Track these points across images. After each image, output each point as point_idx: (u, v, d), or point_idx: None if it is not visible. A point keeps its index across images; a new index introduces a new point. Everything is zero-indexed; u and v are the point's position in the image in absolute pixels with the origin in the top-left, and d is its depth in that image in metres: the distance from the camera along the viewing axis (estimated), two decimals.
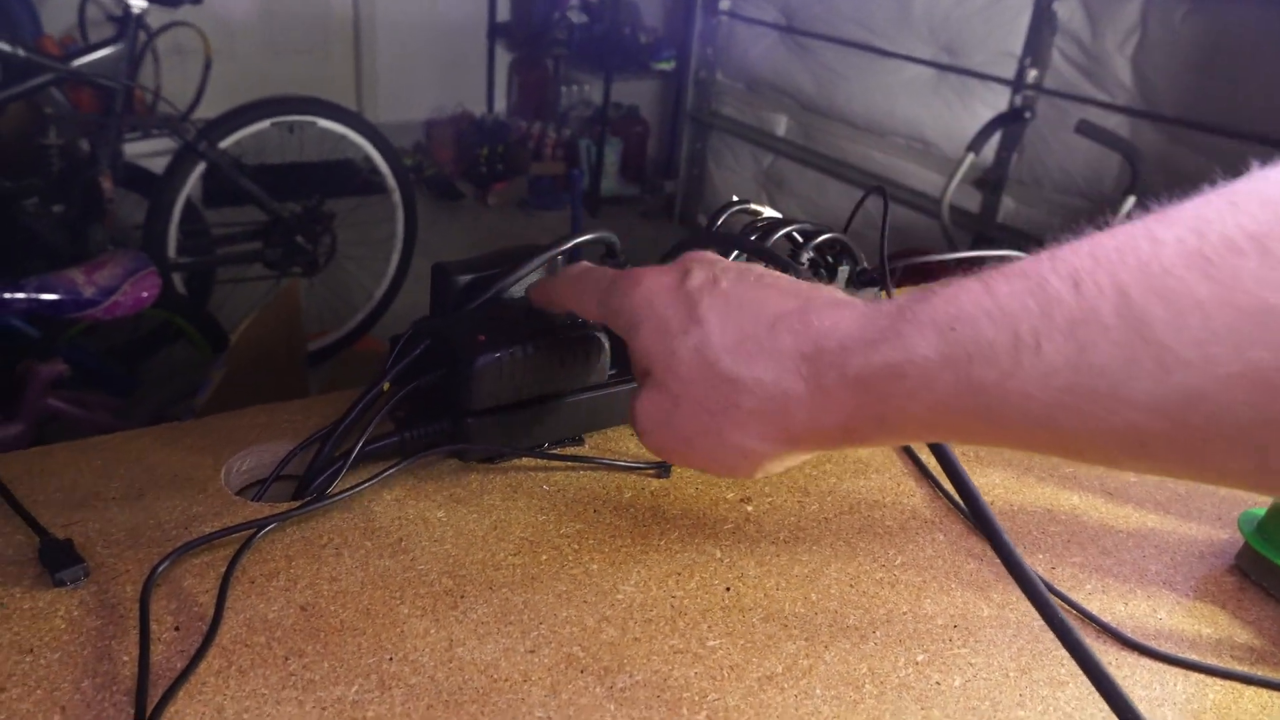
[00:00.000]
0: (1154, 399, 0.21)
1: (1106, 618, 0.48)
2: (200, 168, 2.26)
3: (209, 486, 0.51)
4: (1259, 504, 0.56)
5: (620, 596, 0.46)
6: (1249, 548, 0.52)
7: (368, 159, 2.61)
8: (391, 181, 2.63)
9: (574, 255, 0.59)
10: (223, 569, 0.45)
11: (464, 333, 0.53)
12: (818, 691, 0.42)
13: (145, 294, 1.58)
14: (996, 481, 0.60)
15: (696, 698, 0.41)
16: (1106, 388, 0.22)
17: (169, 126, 2.18)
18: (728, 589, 0.48)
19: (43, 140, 2.02)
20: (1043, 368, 0.23)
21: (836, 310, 0.29)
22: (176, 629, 0.42)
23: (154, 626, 0.41)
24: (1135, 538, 0.56)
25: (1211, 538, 0.56)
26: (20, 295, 1.44)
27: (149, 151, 2.76)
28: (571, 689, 0.41)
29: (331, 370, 2.25)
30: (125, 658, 0.40)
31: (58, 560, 0.43)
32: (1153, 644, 0.47)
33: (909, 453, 0.61)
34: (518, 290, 0.58)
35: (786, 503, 0.55)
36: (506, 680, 0.41)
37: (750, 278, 0.32)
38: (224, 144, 2.29)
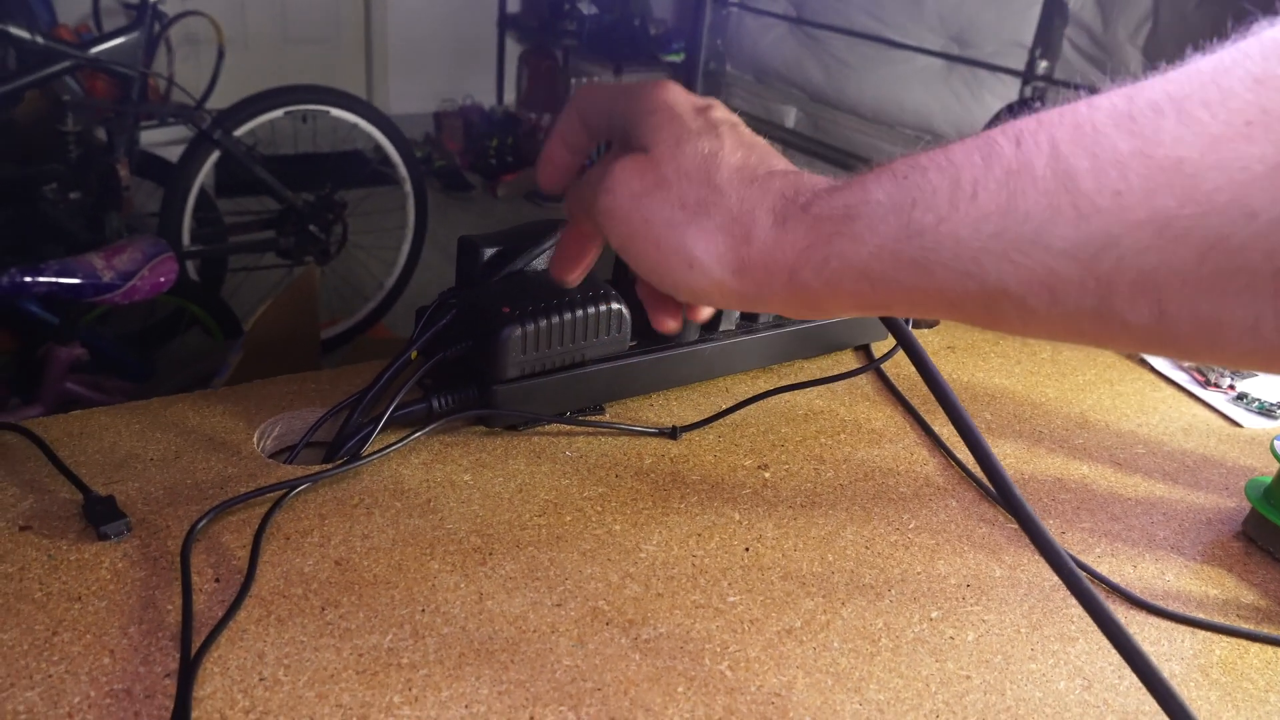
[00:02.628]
0: (1070, 244, 0.23)
1: (1116, 579, 0.50)
2: (215, 156, 2.27)
3: (243, 450, 0.52)
4: (1266, 472, 0.57)
5: (643, 555, 0.48)
6: (1256, 513, 0.53)
7: (379, 149, 2.62)
8: (403, 171, 2.64)
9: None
10: (258, 526, 0.46)
11: (490, 304, 0.55)
12: (835, 644, 0.44)
13: (163, 279, 1.60)
14: (1008, 452, 0.61)
15: (718, 649, 0.43)
16: (1030, 233, 0.24)
17: (185, 115, 2.20)
18: (746, 549, 0.49)
19: (61, 127, 2.04)
20: (976, 214, 0.25)
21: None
22: (216, 580, 0.43)
23: (195, 578, 0.43)
24: (1144, 505, 0.57)
25: (1219, 505, 0.57)
26: (41, 279, 1.45)
27: (163, 140, 2.78)
28: (598, 640, 0.42)
29: (344, 358, 2.27)
30: (169, 606, 0.41)
31: (101, 515, 0.45)
32: (1161, 604, 0.48)
33: (922, 424, 0.62)
34: (540, 263, 0.60)
35: (803, 470, 0.56)
36: (535, 631, 0.42)
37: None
38: (238, 132, 2.30)
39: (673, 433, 0.58)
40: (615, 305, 0.56)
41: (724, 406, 0.61)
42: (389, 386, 0.56)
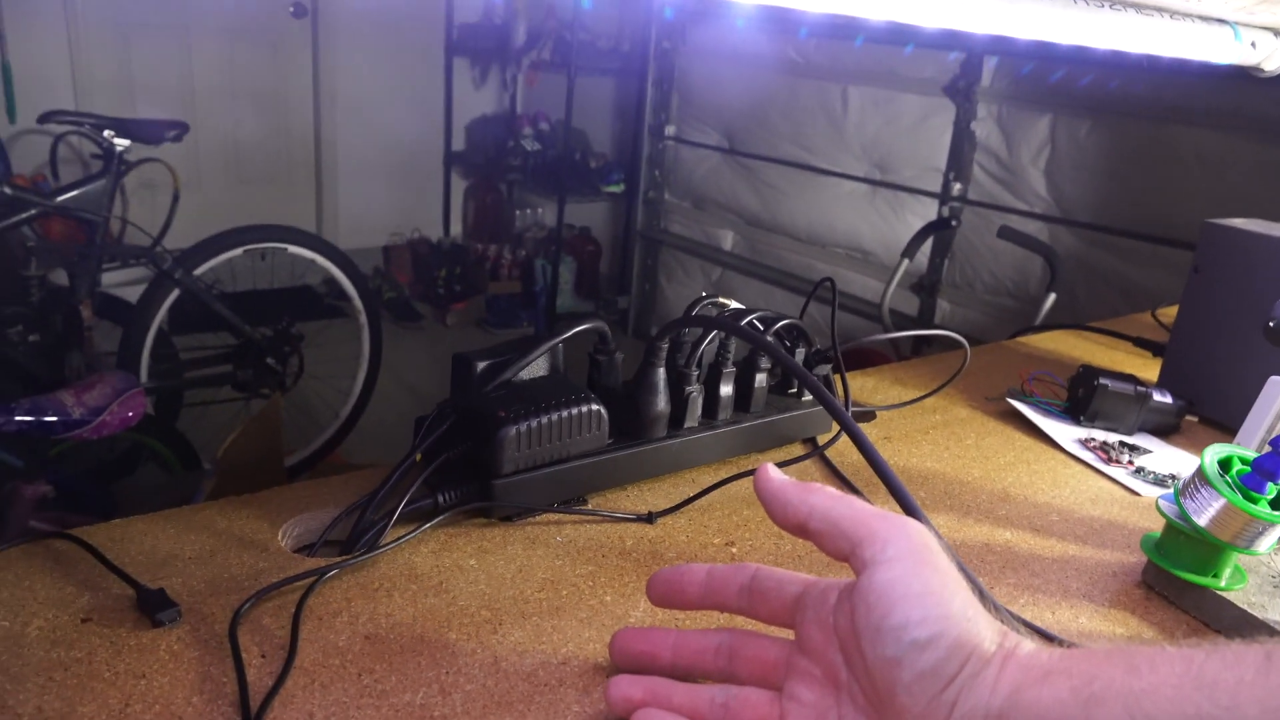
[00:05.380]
0: None
1: (1038, 624, 0.58)
2: (174, 294, 2.34)
3: (270, 546, 0.59)
4: (1157, 529, 0.66)
5: (632, 619, 0.55)
6: (1150, 564, 0.62)
7: (333, 282, 2.71)
8: (358, 303, 2.73)
9: (572, 343, 0.70)
10: (293, 610, 0.52)
11: (486, 409, 0.63)
12: None
13: (131, 414, 1.65)
14: (941, 522, 0.70)
15: None
16: None
17: (147, 256, 2.27)
18: (720, 613, 0.56)
19: (24, 272, 2.09)
20: None
21: None
22: (262, 656, 0.49)
23: (244, 654, 0.49)
24: (1059, 563, 0.66)
25: (1122, 560, 0.67)
26: (14, 417, 1.49)
27: (118, 281, 2.84)
28: (600, 689, 0.49)
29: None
30: (224, 679, 0.47)
31: (154, 605, 0.51)
32: (1076, 641, 0.56)
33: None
34: (525, 374, 0.68)
35: (765, 544, 0.64)
36: (546, 685, 0.49)
37: None
38: (198, 271, 2.38)
39: (649, 518, 0.66)
40: (595, 406, 0.65)
41: (692, 493, 0.69)
42: (395, 487, 0.63)
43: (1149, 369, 1.07)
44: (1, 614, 0.50)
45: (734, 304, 0.79)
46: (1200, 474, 0.58)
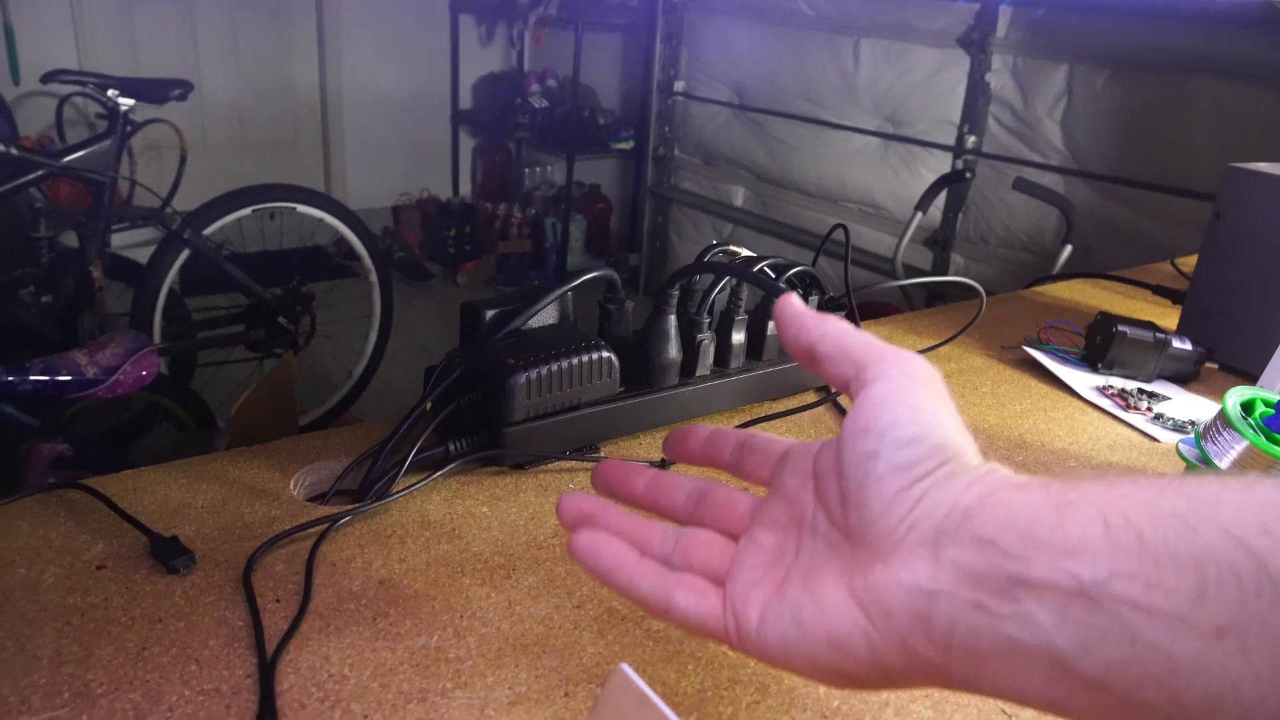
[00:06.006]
0: None
1: None
2: (184, 255, 2.34)
3: (282, 495, 0.59)
4: (1176, 473, 0.65)
5: None
6: None
7: (343, 242, 2.70)
8: (368, 263, 2.72)
9: (582, 295, 0.69)
10: (307, 556, 0.52)
11: (495, 358, 0.62)
12: None
13: (145, 373, 1.65)
14: None
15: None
16: None
17: (156, 217, 2.26)
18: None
19: (33, 233, 2.09)
20: None
21: None
22: (277, 601, 0.49)
23: (258, 599, 0.49)
24: None
25: None
26: (29, 377, 1.49)
27: (127, 243, 2.84)
28: (615, 632, 0.49)
29: None
30: (239, 623, 0.47)
31: (168, 553, 0.51)
32: None
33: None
34: (535, 323, 0.67)
35: None
36: (560, 628, 0.49)
37: None
38: (207, 231, 2.38)
39: (662, 465, 0.65)
40: (606, 354, 0.64)
41: None
42: (406, 436, 0.63)
43: (1168, 317, 1.05)
44: (18, 562, 0.50)
45: (745, 251, 0.78)
46: (1223, 417, 0.57)
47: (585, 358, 0.63)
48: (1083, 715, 0.26)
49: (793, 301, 0.35)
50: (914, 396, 0.31)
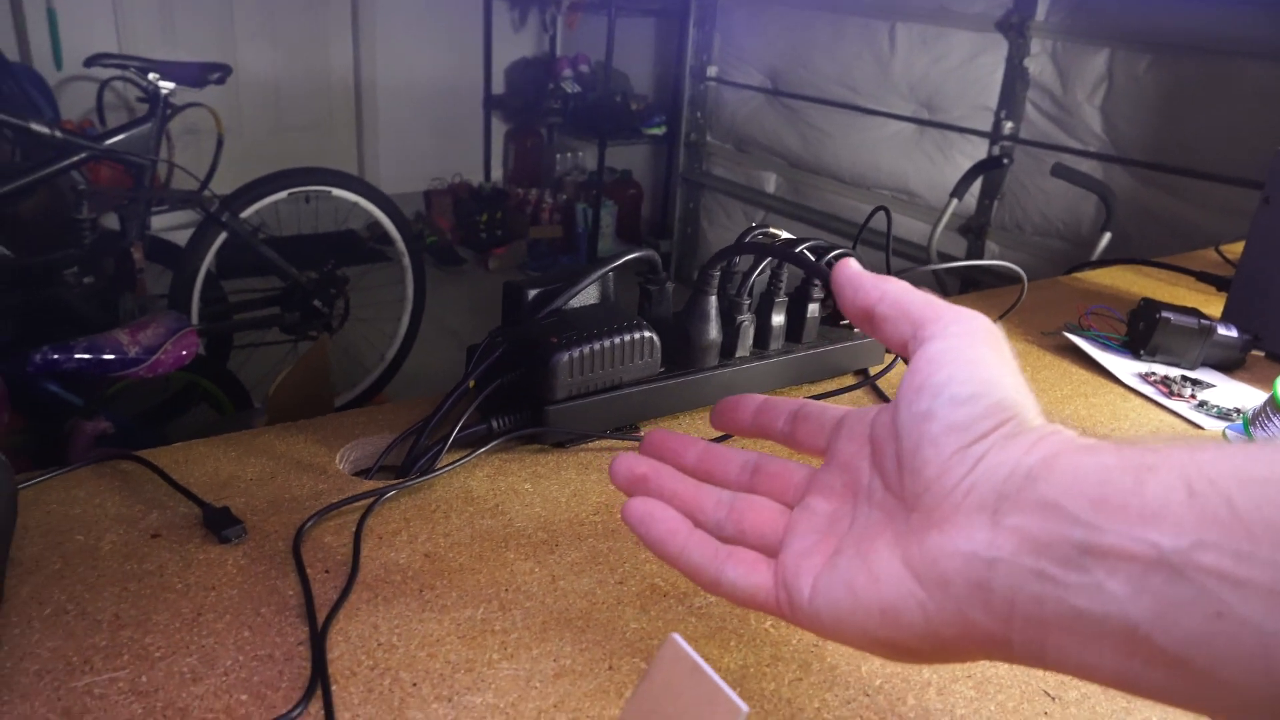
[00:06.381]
0: None
1: None
2: (221, 238, 2.37)
3: (328, 469, 0.60)
4: None
5: None
6: None
7: (376, 226, 2.72)
8: (401, 246, 2.74)
9: (622, 272, 0.69)
10: (354, 528, 0.53)
11: (538, 336, 0.63)
12: None
13: (184, 352, 1.67)
14: None
15: (761, 614, 0.49)
16: None
17: (194, 199, 2.29)
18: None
19: (75, 215, 2.12)
20: None
21: None
22: (326, 571, 0.50)
23: (308, 570, 0.50)
24: None
25: None
26: (73, 355, 1.52)
27: (165, 226, 2.88)
28: (658, 608, 0.49)
29: None
30: (290, 592, 0.48)
31: (220, 523, 0.52)
32: None
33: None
34: (576, 303, 0.68)
35: (817, 464, 0.64)
36: (604, 603, 0.49)
37: None
38: (244, 214, 2.40)
39: None
40: (648, 334, 0.64)
41: None
42: (449, 414, 0.63)
43: (1212, 304, 1.04)
44: (76, 529, 0.52)
45: (785, 234, 0.78)
46: (1273, 402, 0.56)
47: (627, 337, 0.64)
48: (1155, 692, 0.25)
49: (851, 264, 0.35)
50: (973, 354, 0.30)
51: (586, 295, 0.68)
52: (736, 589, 0.33)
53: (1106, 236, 2.12)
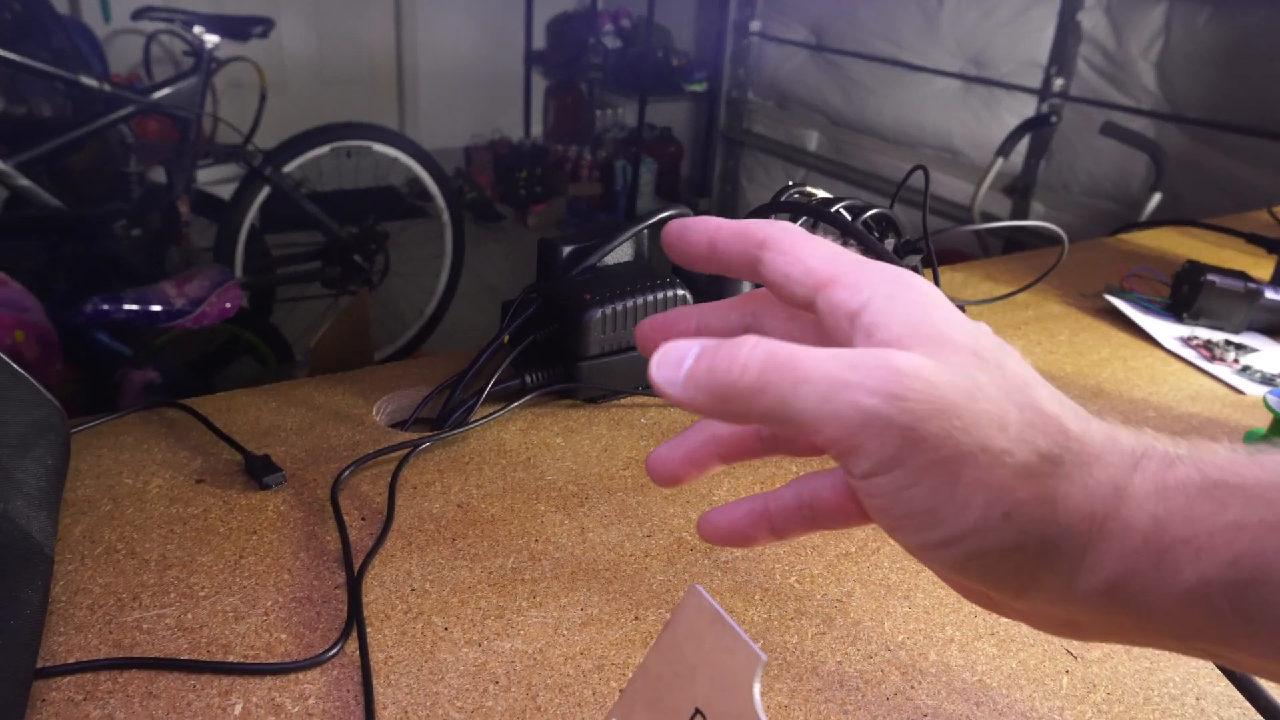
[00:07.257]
0: None
1: None
2: (265, 192, 2.39)
3: (365, 420, 0.61)
4: (1262, 425, 0.64)
5: (716, 498, 0.56)
6: None
7: (416, 181, 2.74)
8: (441, 202, 2.76)
9: (657, 229, 0.69)
10: (389, 478, 0.55)
11: (572, 293, 0.63)
12: (885, 564, 0.51)
13: (229, 304, 1.71)
14: None
15: (786, 568, 0.50)
16: None
17: (238, 154, 2.32)
18: None
19: (124, 169, 2.16)
20: None
21: None
22: (362, 519, 0.51)
23: (345, 517, 0.51)
24: None
25: None
26: (122, 306, 1.56)
27: (209, 180, 2.91)
28: (684, 561, 0.50)
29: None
30: (328, 538, 0.50)
31: (261, 470, 0.54)
32: None
33: None
34: (610, 260, 0.68)
35: None
36: (631, 556, 0.50)
37: None
38: (286, 169, 2.43)
39: None
40: (681, 291, 0.65)
41: None
42: (483, 368, 0.64)
43: (1261, 267, 1.02)
44: (124, 472, 0.53)
45: (821, 193, 0.78)
46: None
47: (660, 294, 0.64)
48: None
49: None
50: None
51: (621, 253, 0.68)
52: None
53: (1156, 197, 2.07)
